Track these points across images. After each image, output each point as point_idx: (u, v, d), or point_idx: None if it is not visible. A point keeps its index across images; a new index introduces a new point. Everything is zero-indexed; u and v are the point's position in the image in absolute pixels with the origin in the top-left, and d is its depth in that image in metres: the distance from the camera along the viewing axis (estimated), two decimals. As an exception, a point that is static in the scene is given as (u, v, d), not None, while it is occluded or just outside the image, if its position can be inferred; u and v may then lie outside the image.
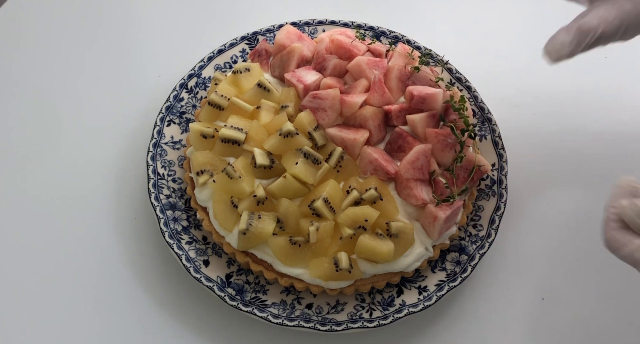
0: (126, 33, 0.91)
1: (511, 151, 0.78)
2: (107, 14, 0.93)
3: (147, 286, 0.69)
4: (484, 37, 0.94)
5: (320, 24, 0.83)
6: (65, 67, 0.86)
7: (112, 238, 0.72)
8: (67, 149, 0.78)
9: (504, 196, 0.72)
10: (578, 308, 0.70)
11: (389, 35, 0.83)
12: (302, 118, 0.68)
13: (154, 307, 0.67)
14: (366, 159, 0.67)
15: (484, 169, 0.69)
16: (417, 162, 0.66)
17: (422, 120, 0.69)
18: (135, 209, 0.74)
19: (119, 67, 0.87)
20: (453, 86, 0.77)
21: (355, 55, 0.74)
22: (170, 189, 0.71)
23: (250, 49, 0.82)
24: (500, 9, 0.98)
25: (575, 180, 0.80)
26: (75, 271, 0.69)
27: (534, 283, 0.72)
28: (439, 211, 0.64)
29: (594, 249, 0.75)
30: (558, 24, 0.97)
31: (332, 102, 0.69)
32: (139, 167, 0.76)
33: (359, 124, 0.70)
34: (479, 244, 0.69)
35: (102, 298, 0.68)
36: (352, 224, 0.63)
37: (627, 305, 0.71)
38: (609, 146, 0.83)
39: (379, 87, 0.70)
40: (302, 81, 0.72)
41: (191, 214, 0.70)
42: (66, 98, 0.83)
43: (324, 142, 0.68)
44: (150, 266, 0.70)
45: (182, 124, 0.76)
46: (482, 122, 0.78)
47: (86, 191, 0.75)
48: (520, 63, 0.92)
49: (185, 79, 0.78)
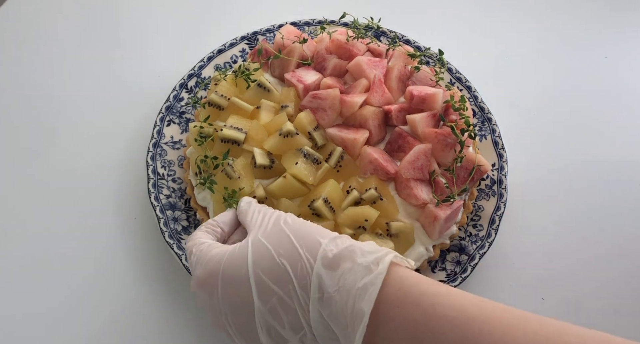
0: (126, 33, 0.91)
1: (511, 151, 0.78)
2: (107, 14, 0.93)
3: (147, 286, 0.69)
4: (484, 37, 0.94)
5: (320, 23, 0.83)
6: (65, 67, 0.86)
7: (112, 238, 0.72)
8: (67, 149, 0.78)
9: (504, 196, 0.72)
10: (578, 308, 0.70)
11: (389, 35, 0.83)
12: (302, 118, 0.68)
13: (154, 307, 0.67)
14: (366, 159, 0.67)
15: (484, 169, 0.69)
16: (417, 162, 0.66)
17: (422, 120, 0.69)
18: (135, 209, 0.74)
19: (119, 67, 0.87)
20: (453, 85, 0.77)
21: (355, 55, 0.74)
22: (170, 189, 0.71)
23: (250, 49, 0.82)
24: (501, 8, 0.98)
25: (575, 180, 0.80)
26: (75, 271, 0.69)
27: (534, 283, 0.72)
28: (439, 210, 0.64)
29: (594, 249, 0.75)
30: (558, 24, 0.97)
31: (332, 102, 0.69)
32: (139, 167, 0.76)
33: (359, 124, 0.69)
34: (479, 244, 0.69)
35: (102, 298, 0.68)
36: (352, 224, 0.63)
37: (627, 305, 0.71)
38: (609, 145, 0.83)
39: (379, 87, 0.70)
40: (302, 81, 0.72)
41: (191, 214, 0.70)
42: (66, 98, 0.83)
43: (324, 142, 0.68)
44: (150, 266, 0.70)
45: (182, 124, 0.76)
46: (482, 122, 0.78)
47: (86, 191, 0.75)
48: (520, 63, 0.92)
49: (185, 79, 0.78)
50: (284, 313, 0.46)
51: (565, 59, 0.93)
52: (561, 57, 0.93)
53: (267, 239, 0.48)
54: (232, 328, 0.48)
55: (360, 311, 0.43)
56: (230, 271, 0.47)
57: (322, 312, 0.45)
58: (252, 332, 0.47)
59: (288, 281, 0.46)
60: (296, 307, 0.45)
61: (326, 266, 0.46)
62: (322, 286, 0.45)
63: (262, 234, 0.49)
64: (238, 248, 0.49)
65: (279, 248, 0.47)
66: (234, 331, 0.48)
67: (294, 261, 0.46)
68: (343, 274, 0.45)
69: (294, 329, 0.46)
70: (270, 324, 0.46)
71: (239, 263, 0.47)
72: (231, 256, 0.48)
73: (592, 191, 0.79)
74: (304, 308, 0.45)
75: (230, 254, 0.49)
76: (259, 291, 0.46)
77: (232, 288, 0.47)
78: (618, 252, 0.74)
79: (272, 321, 0.46)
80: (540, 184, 0.79)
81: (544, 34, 0.96)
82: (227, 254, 0.49)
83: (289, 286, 0.46)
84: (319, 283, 0.45)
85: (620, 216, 0.77)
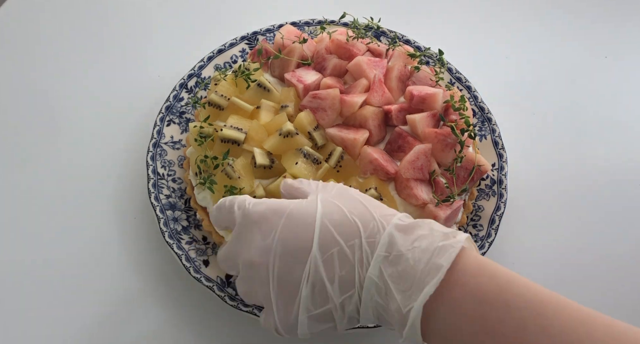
0: (126, 33, 0.91)
1: (511, 151, 0.78)
2: (106, 14, 0.93)
3: (147, 286, 0.69)
4: (484, 37, 0.94)
5: (320, 23, 0.83)
6: (65, 67, 0.86)
7: (112, 238, 0.72)
8: (67, 149, 0.78)
9: (504, 196, 0.72)
10: (578, 308, 0.70)
11: (389, 35, 0.83)
12: (302, 118, 0.68)
13: (153, 307, 0.67)
14: (366, 159, 0.67)
15: (484, 169, 0.69)
16: (417, 162, 0.66)
17: (422, 120, 0.69)
18: (135, 209, 0.74)
19: (119, 67, 0.87)
20: (453, 85, 0.77)
21: (355, 55, 0.74)
22: (170, 189, 0.71)
23: (250, 49, 0.82)
24: (501, 8, 0.98)
25: (575, 179, 0.80)
26: (74, 271, 0.69)
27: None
28: (439, 210, 0.64)
29: (594, 249, 0.75)
30: (558, 24, 0.97)
31: (332, 102, 0.69)
32: (138, 167, 0.76)
33: (359, 124, 0.69)
34: (479, 244, 0.69)
35: (102, 298, 0.68)
36: (352, 224, 0.63)
37: (627, 305, 0.71)
38: (609, 145, 0.84)
39: (379, 87, 0.70)
40: (302, 81, 0.72)
41: (191, 214, 0.70)
42: (66, 98, 0.83)
43: (324, 142, 0.68)
44: (150, 266, 0.70)
45: (182, 124, 0.76)
46: (482, 122, 0.78)
47: (86, 191, 0.75)
48: (520, 63, 0.92)
49: (185, 79, 0.78)
50: (340, 266, 0.44)
51: (565, 59, 0.93)
52: (561, 57, 0.93)
53: (338, 200, 0.46)
54: (274, 271, 0.45)
55: (436, 265, 0.41)
56: (297, 215, 0.46)
57: (385, 270, 0.43)
58: (294, 282, 0.44)
59: (356, 235, 0.44)
60: (355, 262, 0.43)
61: (400, 230, 0.44)
62: (392, 245, 0.43)
63: (331, 195, 0.47)
64: (305, 202, 0.47)
65: (352, 208, 0.45)
66: (273, 275, 0.45)
67: (366, 220, 0.45)
68: (419, 238, 0.43)
69: (342, 286, 0.44)
70: (319, 277, 0.44)
71: (306, 211, 0.46)
72: (298, 204, 0.47)
73: (592, 190, 0.79)
74: (364, 263, 0.43)
75: (297, 203, 0.47)
76: (320, 239, 0.44)
77: (294, 229, 0.45)
78: (618, 252, 0.74)
79: (322, 273, 0.44)
80: (540, 184, 0.79)
81: (544, 33, 0.96)
82: (293, 203, 0.47)
83: (355, 240, 0.44)
84: (389, 242, 0.43)
85: (620, 216, 0.77)
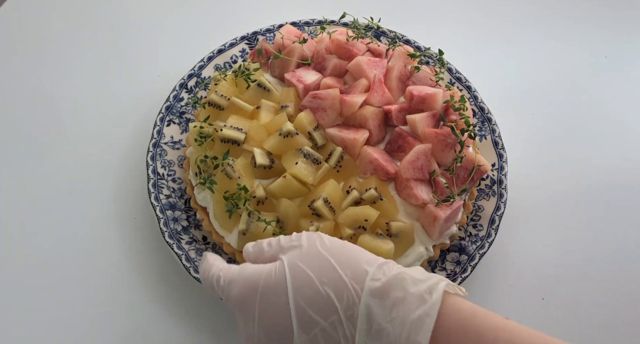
0: (126, 33, 0.91)
1: (511, 151, 0.78)
2: (106, 14, 0.93)
3: (147, 286, 0.69)
4: (484, 37, 0.94)
5: (320, 23, 0.83)
6: (65, 67, 0.86)
7: (112, 238, 0.72)
8: (67, 149, 0.78)
9: (504, 196, 0.72)
10: (578, 308, 0.70)
11: (389, 35, 0.83)
12: (302, 118, 0.68)
13: (154, 307, 0.67)
14: (366, 159, 0.67)
15: (483, 169, 0.69)
16: (417, 162, 0.66)
17: (422, 120, 0.69)
18: (135, 209, 0.74)
19: (119, 67, 0.87)
20: (453, 85, 0.77)
21: (355, 55, 0.74)
22: (170, 189, 0.71)
23: (250, 49, 0.82)
24: (501, 8, 0.98)
25: (575, 179, 0.80)
26: (74, 271, 0.69)
27: (534, 283, 0.72)
28: (439, 210, 0.64)
29: (594, 249, 0.75)
30: (558, 24, 0.97)
31: (332, 102, 0.69)
32: (139, 167, 0.76)
33: (359, 124, 0.69)
34: (479, 244, 0.69)
35: (102, 298, 0.68)
36: (352, 224, 0.63)
37: (627, 305, 0.71)
38: (609, 145, 0.83)
39: (379, 87, 0.70)
40: (302, 81, 0.72)
41: (191, 214, 0.70)
42: (66, 98, 0.83)
43: (324, 142, 0.68)
44: (150, 266, 0.70)
45: (182, 124, 0.76)
46: (482, 122, 0.78)
47: (86, 190, 0.75)
48: (520, 63, 0.92)
49: (185, 79, 0.78)
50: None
51: (565, 59, 0.93)
52: (561, 57, 0.93)
53: (306, 263, 0.45)
54: None
55: (416, 342, 0.41)
56: (269, 296, 0.44)
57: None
58: None
59: (333, 311, 0.43)
60: (340, 339, 0.43)
61: (375, 296, 0.43)
62: (371, 316, 0.42)
63: (299, 258, 0.46)
64: (274, 272, 0.45)
65: (321, 276, 0.44)
66: None
67: (339, 290, 0.43)
68: (395, 305, 0.42)
69: None
70: None
71: (277, 289, 0.44)
72: (268, 280, 0.45)
73: (592, 190, 0.79)
74: (349, 340, 0.43)
75: (266, 278, 0.45)
76: (299, 321, 0.43)
77: (270, 313, 0.44)
78: (618, 252, 0.74)
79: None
80: (540, 184, 0.79)
81: (544, 33, 0.96)
82: (263, 277, 0.45)
83: (334, 317, 0.43)
84: (367, 314, 0.43)
85: (620, 216, 0.77)
